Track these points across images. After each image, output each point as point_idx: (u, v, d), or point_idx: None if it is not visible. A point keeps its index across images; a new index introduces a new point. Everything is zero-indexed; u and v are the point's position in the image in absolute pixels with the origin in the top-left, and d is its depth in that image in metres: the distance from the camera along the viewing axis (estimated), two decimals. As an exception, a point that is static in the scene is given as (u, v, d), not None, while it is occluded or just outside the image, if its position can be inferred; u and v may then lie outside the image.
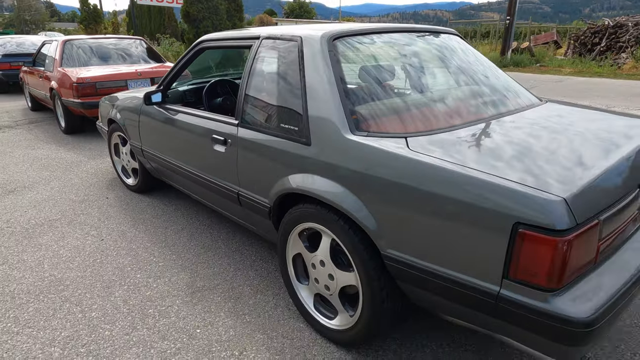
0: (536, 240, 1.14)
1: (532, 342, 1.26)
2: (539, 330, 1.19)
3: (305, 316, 1.92)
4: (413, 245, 1.41)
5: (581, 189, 1.19)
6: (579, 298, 1.16)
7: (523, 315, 1.19)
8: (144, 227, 2.95)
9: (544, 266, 1.14)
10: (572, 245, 1.13)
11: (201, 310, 2.07)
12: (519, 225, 1.16)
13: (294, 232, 1.86)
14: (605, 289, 1.20)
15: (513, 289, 1.21)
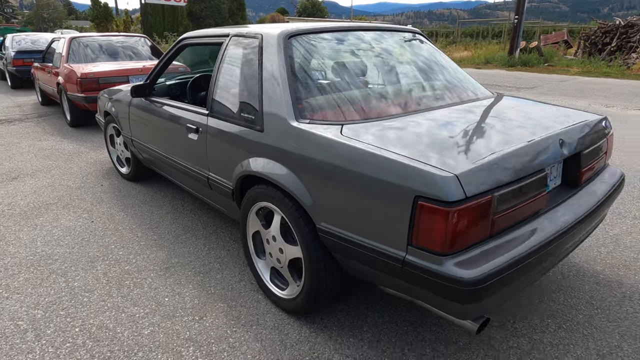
0: (431, 211, 1.32)
1: (435, 302, 1.44)
2: (437, 290, 1.36)
3: (263, 288, 2.12)
4: (339, 218, 1.60)
5: (474, 168, 1.36)
6: (469, 262, 1.33)
7: (424, 277, 1.37)
8: (131, 211, 3.18)
9: (438, 233, 1.32)
10: (462, 215, 1.31)
11: (172, 282, 2.28)
12: (419, 198, 1.34)
13: (252, 211, 2.06)
14: (497, 257, 1.37)
15: (415, 254, 1.38)
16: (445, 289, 1.33)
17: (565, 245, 1.65)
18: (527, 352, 1.77)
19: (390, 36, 2.43)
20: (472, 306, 1.36)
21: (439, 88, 2.18)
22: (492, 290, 1.34)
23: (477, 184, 1.35)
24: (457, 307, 1.37)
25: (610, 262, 2.44)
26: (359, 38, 2.27)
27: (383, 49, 2.28)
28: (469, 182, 1.33)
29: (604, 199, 1.86)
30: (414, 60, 2.32)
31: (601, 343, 1.82)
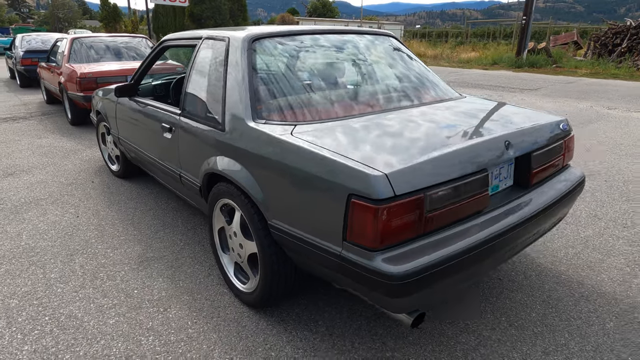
0: (362, 208, 1.38)
1: (370, 296, 1.49)
2: (369, 284, 1.42)
3: (227, 282, 2.20)
4: (286, 215, 1.67)
5: (405, 168, 1.42)
6: (398, 258, 1.39)
7: (358, 272, 1.43)
8: (116, 207, 3.29)
9: (369, 230, 1.38)
10: (391, 213, 1.37)
11: (144, 276, 2.37)
12: (352, 196, 1.41)
13: (217, 207, 2.14)
14: (428, 254, 1.42)
15: (350, 250, 1.45)
16: (376, 283, 1.39)
17: (509, 245, 1.69)
18: (473, 348, 1.82)
19: (360, 39, 2.49)
20: (402, 300, 1.41)
21: (399, 90, 2.24)
22: (421, 285, 1.40)
23: (407, 183, 1.40)
24: (389, 301, 1.43)
25: (575, 262, 2.47)
26: (326, 41, 2.33)
27: (349, 52, 2.34)
28: (399, 180, 1.39)
29: (555, 200, 1.90)
30: (380, 63, 2.38)
31: (549, 341, 1.86)
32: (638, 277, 2.33)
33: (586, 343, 1.84)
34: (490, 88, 9.89)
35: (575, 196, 2.11)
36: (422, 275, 1.38)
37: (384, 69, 2.35)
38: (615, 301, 2.12)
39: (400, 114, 1.98)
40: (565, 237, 2.75)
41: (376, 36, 2.60)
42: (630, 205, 3.23)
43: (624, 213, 3.10)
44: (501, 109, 2.20)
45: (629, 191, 3.52)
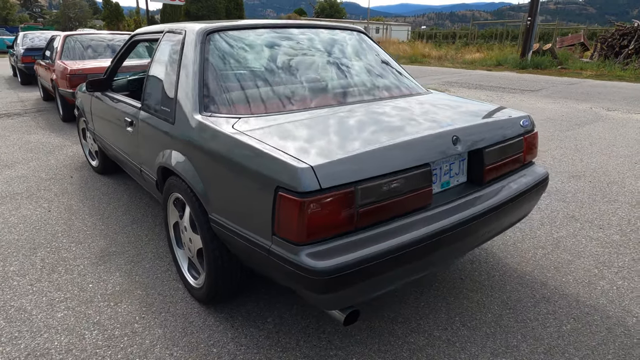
0: (288, 201, 1.34)
1: (299, 290, 1.46)
2: (296, 280, 1.38)
3: (182, 278, 2.17)
4: (224, 208, 1.64)
5: (333, 161, 1.38)
6: (325, 254, 1.35)
7: (285, 267, 1.39)
8: (89, 202, 3.29)
9: (294, 224, 1.34)
10: (317, 206, 1.33)
11: (102, 270, 2.35)
12: (279, 189, 1.37)
13: (170, 201, 2.12)
14: (357, 250, 1.38)
15: (278, 244, 1.41)
16: (300, 279, 1.36)
17: (454, 244, 1.64)
18: (420, 348, 1.77)
19: (324, 34, 2.45)
20: (329, 297, 1.38)
21: (358, 85, 2.20)
22: (347, 282, 1.36)
23: (335, 176, 1.36)
24: (317, 297, 1.39)
25: (542, 264, 2.41)
26: (287, 36, 2.30)
27: (309, 46, 2.31)
28: (326, 173, 1.35)
29: (510, 199, 1.84)
30: (342, 58, 2.34)
31: (500, 342, 1.81)
32: (605, 279, 2.26)
33: (538, 345, 1.79)
34: (490, 89, 9.78)
35: (536, 195, 2.06)
36: (348, 272, 1.34)
37: (345, 64, 2.31)
38: (577, 303, 2.06)
39: (352, 108, 1.94)
40: (536, 238, 2.69)
41: (343, 31, 2.56)
42: (610, 207, 3.16)
43: (602, 214, 3.03)
44: (461, 105, 2.15)
45: (612, 192, 3.44)
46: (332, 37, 2.45)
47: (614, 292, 2.15)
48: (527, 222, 2.90)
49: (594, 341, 1.82)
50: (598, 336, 1.85)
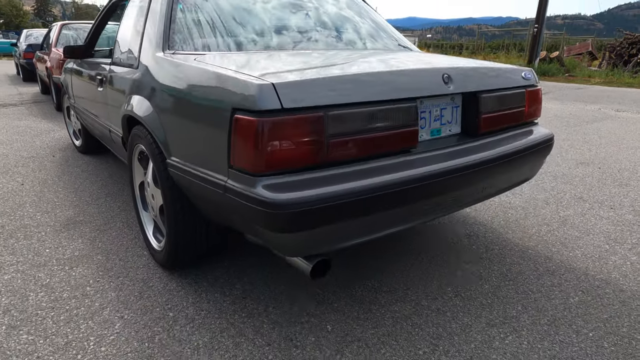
0: (245, 124, 1.15)
1: (256, 233, 1.25)
2: (254, 217, 1.18)
3: (146, 242, 1.97)
4: (180, 149, 1.45)
5: (299, 80, 1.19)
6: (285, 186, 1.15)
7: (240, 203, 1.19)
8: (67, 178, 3.11)
9: (249, 149, 1.15)
10: (277, 128, 1.13)
11: (64, 237, 2.16)
12: (236, 112, 1.18)
13: (135, 156, 1.93)
14: (326, 186, 1.18)
15: (234, 178, 1.22)
16: (258, 215, 1.15)
17: (438, 195, 1.43)
18: (405, 317, 1.55)
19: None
20: (290, 238, 1.17)
21: (341, 36, 2.02)
22: (312, 222, 1.15)
23: (301, 97, 1.17)
24: (276, 239, 1.19)
25: (547, 239, 2.18)
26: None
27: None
28: (290, 92, 1.15)
29: (508, 154, 1.63)
30: (324, 10, 2.16)
31: (497, 313, 1.58)
32: (617, 254, 2.03)
33: (541, 317, 1.56)
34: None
35: (539, 156, 1.84)
36: (311, 208, 1.13)
37: (328, 16, 2.13)
38: (586, 277, 1.83)
39: (332, 53, 1.76)
40: (541, 216, 2.47)
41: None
42: (622, 190, 2.92)
43: (612, 196, 2.80)
44: (456, 58, 1.96)
45: (623, 177, 3.21)
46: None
47: (628, 267, 1.91)
48: (530, 201, 2.68)
49: (606, 314, 1.58)
50: (610, 309, 1.61)
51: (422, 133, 1.53)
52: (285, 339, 1.43)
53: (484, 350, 1.39)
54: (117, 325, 1.49)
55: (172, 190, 1.57)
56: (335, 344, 1.41)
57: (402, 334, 1.47)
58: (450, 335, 1.46)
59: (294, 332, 1.47)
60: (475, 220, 2.40)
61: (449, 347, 1.41)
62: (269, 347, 1.40)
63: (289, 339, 1.43)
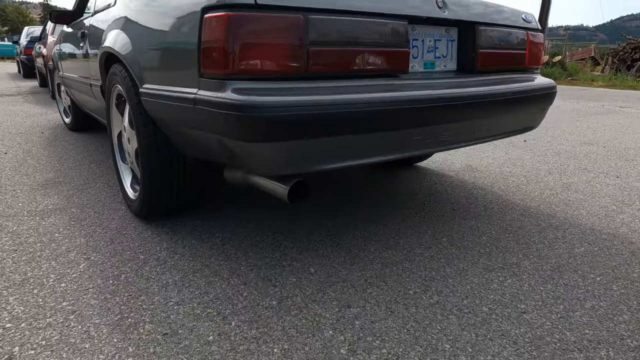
0: (214, 21, 1.05)
1: (230, 155, 1.14)
2: (225, 129, 1.07)
3: (124, 195, 1.86)
4: (152, 72, 1.36)
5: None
6: (255, 91, 1.04)
7: (211, 113, 1.08)
8: (52, 149, 3.01)
9: (220, 48, 1.04)
10: (250, 24, 1.03)
11: (40, 194, 2.05)
12: (206, 10, 1.08)
13: (112, 101, 1.83)
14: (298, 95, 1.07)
15: (204, 86, 1.11)
16: (226, 124, 1.04)
17: (425, 126, 1.31)
18: (395, 262, 1.43)
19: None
20: (264, 150, 1.05)
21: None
22: (286, 131, 1.03)
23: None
24: (247, 150, 1.07)
25: (550, 200, 2.06)
26: None
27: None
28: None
29: (505, 93, 1.52)
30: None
31: (495, 260, 1.46)
32: (624, 213, 1.90)
33: (544, 264, 1.43)
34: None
35: (540, 104, 1.73)
36: (283, 114, 1.02)
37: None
38: (592, 231, 1.71)
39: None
40: (544, 182, 2.34)
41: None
42: (628, 163, 2.80)
43: (618, 168, 2.67)
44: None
45: (629, 154, 3.08)
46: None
47: (637, 224, 1.79)
48: (532, 171, 2.56)
49: (615, 262, 1.46)
50: (619, 258, 1.49)
51: (414, 63, 1.43)
52: (263, 279, 1.31)
53: (481, 291, 1.27)
54: (82, 265, 1.38)
55: (146, 125, 1.46)
56: (318, 284, 1.29)
57: (391, 276, 1.34)
58: (444, 278, 1.34)
59: (273, 274, 1.34)
60: (474, 185, 2.28)
61: (442, 287, 1.28)
62: (244, 285, 1.28)
63: (267, 279, 1.31)
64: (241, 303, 1.19)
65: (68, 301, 1.18)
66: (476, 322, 1.12)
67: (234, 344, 1.02)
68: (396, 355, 1.00)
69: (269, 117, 1.01)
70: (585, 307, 1.20)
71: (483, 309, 1.18)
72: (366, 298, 1.22)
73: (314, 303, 1.19)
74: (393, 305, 1.19)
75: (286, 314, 1.14)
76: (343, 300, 1.21)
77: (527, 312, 1.17)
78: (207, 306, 1.17)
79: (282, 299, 1.21)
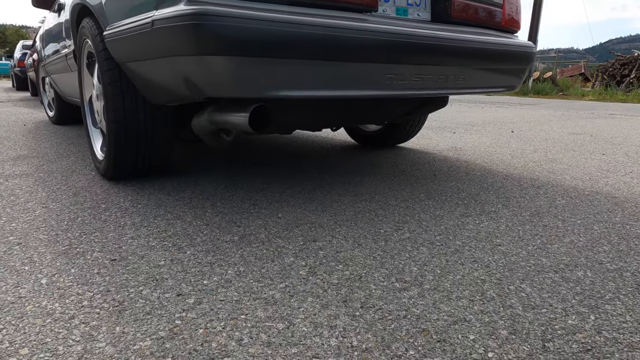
0: None
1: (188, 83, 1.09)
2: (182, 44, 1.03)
3: (93, 157, 1.80)
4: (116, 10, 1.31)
5: None
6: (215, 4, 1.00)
7: (168, 30, 1.04)
8: (31, 136, 2.95)
9: (176, -39, 1.01)
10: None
11: (9, 165, 1.98)
12: None
13: (83, 62, 1.79)
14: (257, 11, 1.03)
15: (161, 5, 1.07)
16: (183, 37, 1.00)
17: (394, 63, 1.27)
18: (369, 210, 1.36)
19: None
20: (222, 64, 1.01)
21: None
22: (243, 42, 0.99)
23: None
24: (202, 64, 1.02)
25: (533, 168, 2.01)
26: None
27: None
28: None
29: (480, 46, 1.49)
30: None
31: (473, 209, 1.40)
32: (609, 178, 1.86)
33: (523, 211, 1.38)
34: (489, 104, 9.59)
35: (518, 63, 1.71)
36: (241, 25, 0.98)
37: None
38: (574, 190, 1.66)
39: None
40: (528, 157, 2.30)
41: None
42: (614, 147, 2.77)
43: (604, 149, 2.64)
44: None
45: (615, 142, 3.06)
46: None
47: (621, 185, 1.74)
48: (517, 150, 2.52)
49: (596, 210, 1.40)
50: (602, 207, 1.43)
51: (385, 6, 1.40)
52: (227, 222, 1.25)
53: (455, 230, 1.21)
54: (38, 211, 1.31)
55: (112, 71, 1.42)
56: (285, 225, 1.23)
57: (363, 219, 1.28)
58: (418, 221, 1.28)
59: (239, 218, 1.28)
60: (457, 159, 2.24)
61: (415, 227, 1.22)
62: (206, 226, 1.21)
63: (232, 222, 1.25)
64: (200, 238, 1.12)
65: (15, 236, 1.11)
66: (448, 251, 1.06)
67: (186, 267, 0.95)
68: (359, 275, 0.93)
69: (225, 26, 0.96)
70: (564, 241, 1.14)
71: (456, 242, 1.12)
72: (334, 235, 1.16)
73: (278, 238, 1.13)
74: (361, 240, 1.12)
75: (247, 245, 1.08)
76: (309, 237, 1.14)
77: (503, 245, 1.10)
78: (163, 240, 1.10)
79: (244, 236, 1.14)
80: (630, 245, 1.11)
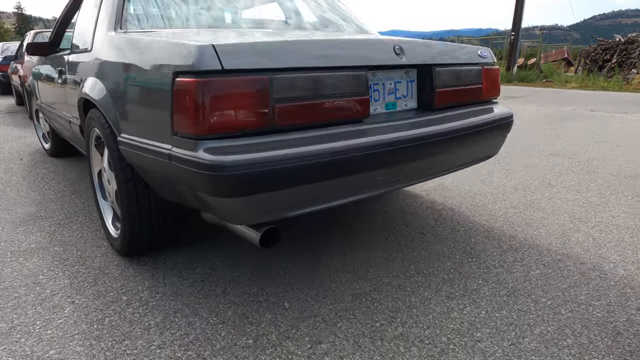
0: (185, 85, 1.13)
1: (204, 204, 1.23)
2: (198, 184, 1.16)
3: (106, 233, 1.92)
4: (129, 123, 1.43)
5: (242, 43, 1.18)
6: (225, 150, 1.13)
7: (185, 170, 1.17)
8: (32, 178, 3.04)
9: (190, 111, 1.13)
10: (218, 89, 1.12)
11: (21, 231, 2.10)
12: (177, 75, 1.16)
13: (92, 142, 1.90)
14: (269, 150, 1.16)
15: (178, 144, 1.20)
16: (199, 180, 1.13)
17: (388, 167, 1.41)
18: (365, 293, 1.53)
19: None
20: (232, 203, 1.14)
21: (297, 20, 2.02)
22: (253, 185, 1.12)
23: (243, 59, 1.16)
24: (220, 204, 1.16)
25: (513, 220, 2.19)
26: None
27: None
28: (231, 53, 1.14)
29: (464, 128, 1.64)
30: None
31: (457, 287, 1.57)
32: (580, 232, 2.04)
33: (501, 289, 1.55)
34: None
35: (499, 133, 1.86)
36: (252, 171, 1.11)
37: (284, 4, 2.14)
38: (548, 252, 1.84)
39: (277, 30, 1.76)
40: (508, 200, 2.48)
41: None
42: (590, 177, 2.96)
43: (580, 182, 2.83)
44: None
45: (592, 166, 3.25)
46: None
47: (590, 242, 1.93)
48: (499, 188, 2.70)
49: (565, 284, 1.58)
50: (570, 280, 1.62)
51: (376, 106, 1.53)
52: (240, 317, 1.40)
53: (442, 320, 1.38)
54: (67, 309, 1.44)
55: (125, 171, 1.54)
56: (292, 319, 1.38)
57: (360, 308, 1.44)
58: (409, 308, 1.44)
59: (250, 311, 1.43)
60: (443, 206, 2.40)
61: (407, 318, 1.39)
62: (222, 325, 1.36)
63: (244, 317, 1.40)
64: (219, 343, 1.27)
65: (55, 349, 1.25)
66: (435, 352, 1.23)
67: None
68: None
69: (238, 176, 1.09)
70: (535, 332, 1.31)
71: (442, 339, 1.29)
72: (336, 332, 1.32)
73: (288, 340, 1.28)
74: (360, 339, 1.29)
75: (261, 352, 1.23)
76: (314, 336, 1.30)
77: (482, 341, 1.28)
78: (187, 348, 1.25)
79: (257, 337, 1.30)
80: (590, 337, 1.29)
